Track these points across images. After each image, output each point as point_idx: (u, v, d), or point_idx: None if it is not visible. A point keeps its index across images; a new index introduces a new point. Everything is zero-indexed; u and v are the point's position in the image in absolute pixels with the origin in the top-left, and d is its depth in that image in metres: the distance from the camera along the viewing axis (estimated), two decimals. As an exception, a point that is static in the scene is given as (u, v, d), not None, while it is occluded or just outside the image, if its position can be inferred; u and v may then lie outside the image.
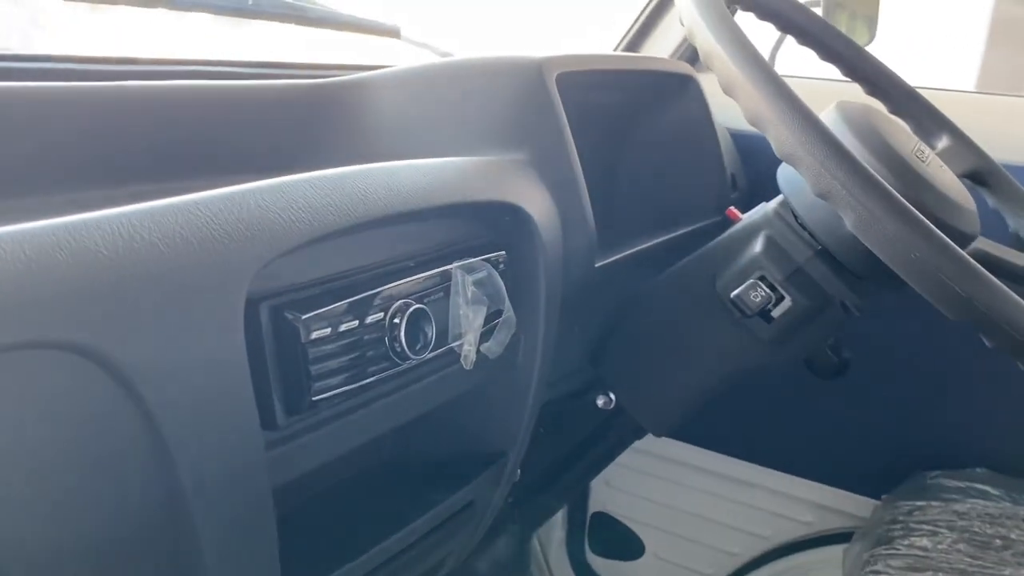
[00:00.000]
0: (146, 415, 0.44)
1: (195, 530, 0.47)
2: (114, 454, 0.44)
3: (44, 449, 0.41)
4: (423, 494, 0.70)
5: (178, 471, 0.45)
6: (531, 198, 0.75)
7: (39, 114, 0.66)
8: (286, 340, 0.53)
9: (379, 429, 0.62)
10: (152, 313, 0.44)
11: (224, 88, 0.81)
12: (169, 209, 0.47)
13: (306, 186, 0.55)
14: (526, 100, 0.81)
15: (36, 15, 0.93)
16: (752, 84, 0.64)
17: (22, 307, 0.39)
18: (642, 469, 1.51)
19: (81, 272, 0.41)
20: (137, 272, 0.44)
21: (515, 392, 0.77)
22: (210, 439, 0.47)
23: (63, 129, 0.67)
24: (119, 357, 0.42)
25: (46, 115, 0.66)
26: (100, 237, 0.43)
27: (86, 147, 0.69)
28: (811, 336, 0.87)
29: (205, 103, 0.79)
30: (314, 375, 0.54)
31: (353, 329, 0.57)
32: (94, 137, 0.70)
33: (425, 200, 0.63)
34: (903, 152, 0.77)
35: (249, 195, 0.51)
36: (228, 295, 0.48)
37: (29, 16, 0.96)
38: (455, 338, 0.65)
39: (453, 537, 0.74)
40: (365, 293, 0.58)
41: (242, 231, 0.49)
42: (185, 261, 0.46)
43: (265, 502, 0.51)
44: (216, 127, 0.79)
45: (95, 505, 0.43)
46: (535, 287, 0.75)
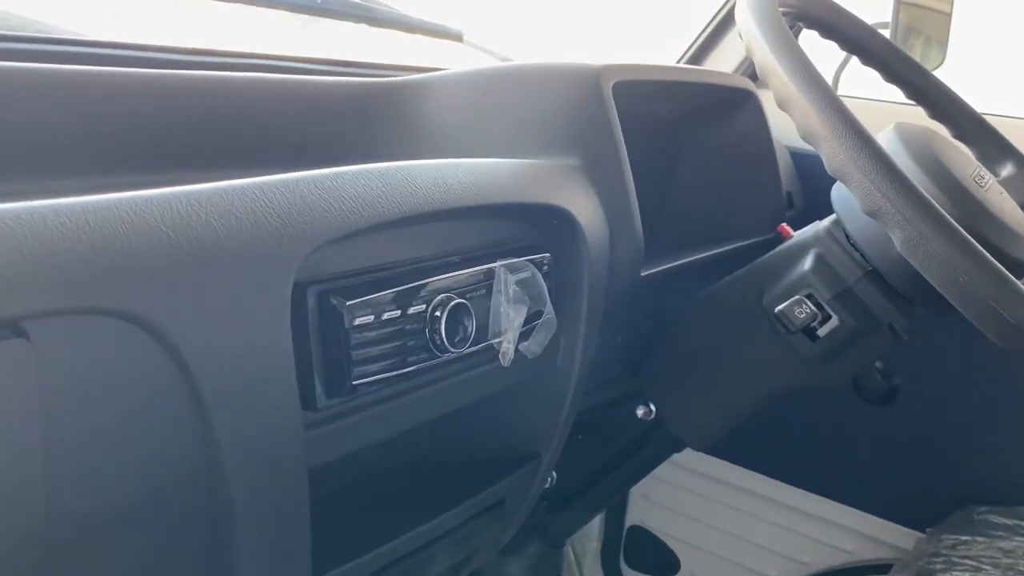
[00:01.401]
0: (191, 386, 0.46)
1: (230, 502, 0.49)
2: (158, 421, 0.46)
3: (93, 412, 0.43)
4: (455, 488, 0.72)
5: (218, 443, 0.47)
6: (580, 203, 0.76)
7: (116, 97, 0.69)
8: (330, 324, 0.55)
9: (416, 418, 0.63)
10: (203, 289, 0.46)
11: (287, 82, 0.84)
12: (226, 191, 0.49)
13: (358, 177, 0.57)
14: (582, 107, 0.82)
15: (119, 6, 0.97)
16: (806, 98, 0.64)
17: (83, 274, 0.41)
18: (682, 485, 1.50)
19: (139, 245, 0.44)
20: (191, 249, 0.46)
21: (552, 395, 0.78)
22: (251, 414, 0.49)
23: (135, 113, 0.70)
24: (169, 328, 0.44)
25: (116, 99, 0.69)
26: (159, 213, 0.45)
27: (155, 132, 0.72)
28: (857, 358, 0.86)
29: (268, 96, 0.82)
30: (355, 360, 0.56)
31: (395, 318, 0.58)
32: (163, 123, 0.73)
33: (473, 198, 0.65)
34: (960, 176, 0.76)
35: (303, 183, 0.53)
36: (277, 277, 0.50)
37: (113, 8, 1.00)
38: (495, 335, 0.66)
39: (482, 533, 0.75)
40: (409, 284, 0.60)
41: (294, 217, 0.51)
42: (238, 241, 0.48)
43: (301, 480, 0.53)
44: (277, 120, 0.82)
45: (136, 470, 0.45)
46: (578, 291, 0.76)
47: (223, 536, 0.51)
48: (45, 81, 0.65)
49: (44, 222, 0.41)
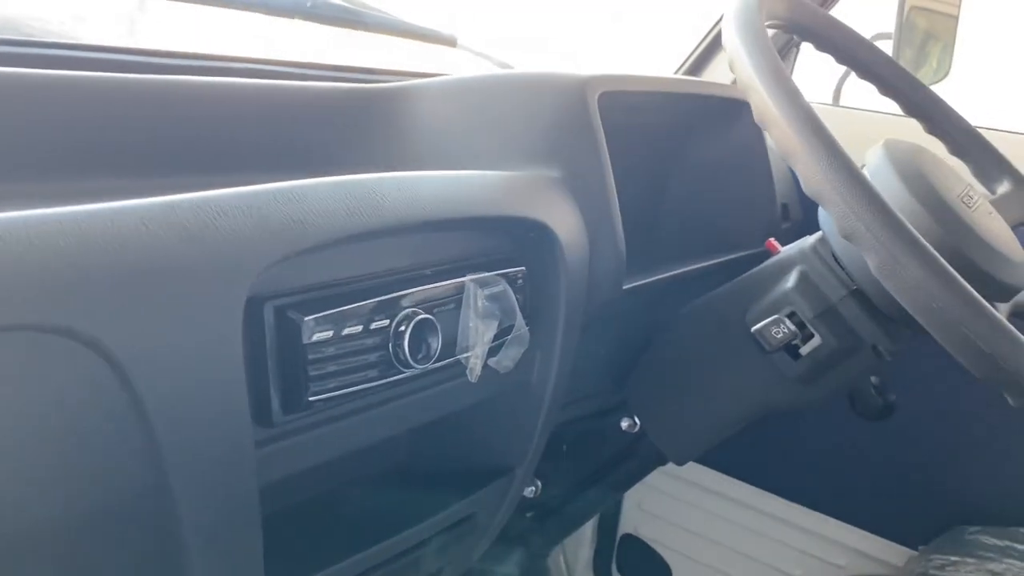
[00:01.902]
0: (135, 401, 0.45)
1: (179, 518, 0.49)
2: (101, 436, 0.45)
3: (34, 428, 0.43)
4: (423, 502, 0.71)
5: (164, 458, 0.47)
6: (558, 216, 0.75)
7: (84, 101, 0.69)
8: (287, 340, 0.54)
9: (378, 435, 0.63)
10: (149, 304, 0.46)
11: (270, 88, 0.83)
12: (177, 204, 0.49)
13: (321, 190, 0.56)
14: (565, 117, 0.81)
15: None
16: (783, 116, 0.63)
17: (21, 290, 0.41)
18: (676, 495, 1.49)
19: (82, 259, 0.43)
20: (138, 263, 0.45)
21: (527, 410, 0.77)
22: (199, 429, 0.48)
23: (115, 117, 0.70)
24: (110, 344, 0.44)
25: (96, 103, 0.69)
26: (103, 227, 0.45)
27: (137, 136, 0.72)
28: (840, 378, 0.84)
29: (251, 101, 0.82)
30: (312, 376, 0.55)
31: (356, 334, 0.58)
32: (145, 127, 0.72)
33: (444, 211, 0.64)
34: (946, 195, 0.74)
35: (261, 196, 0.53)
36: (228, 293, 0.49)
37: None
38: (463, 350, 0.65)
39: (450, 548, 0.74)
40: (372, 300, 0.59)
41: (249, 231, 0.51)
42: (188, 255, 0.48)
43: (251, 496, 0.52)
44: (260, 125, 0.82)
45: (80, 486, 0.45)
46: (554, 305, 0.75)
47: (172, 555, 0.50)
48: (23, 84, 0.65)
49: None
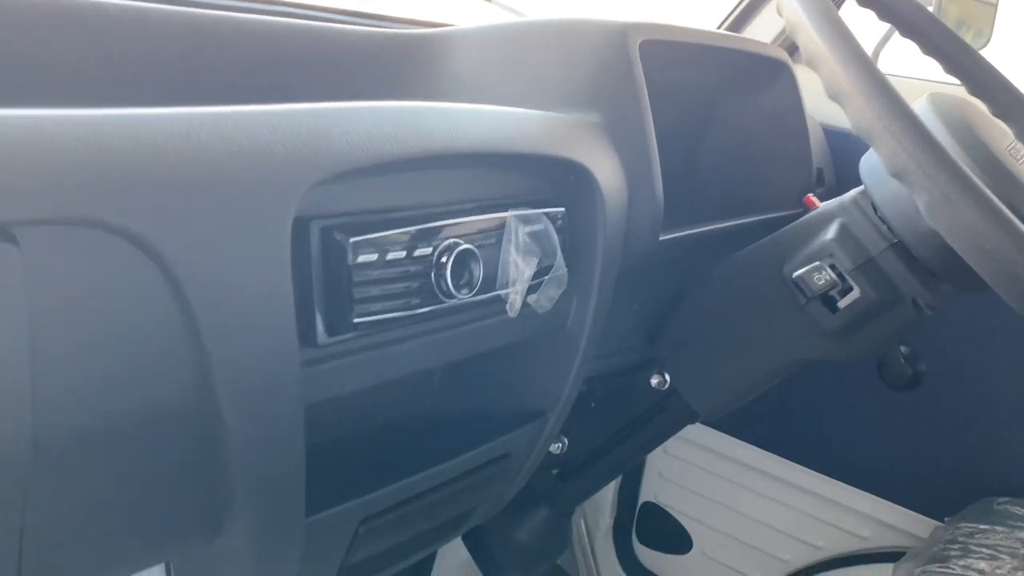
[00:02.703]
0: (185, 309, 0.45)
1: (224, 429, 0.49)
2: (150, 341, 0.45)
3: (83, 325, 0.43)
4: (460, 439, 0.71)
5: (212, 368, 0.47)
6: (598, 160, 0.74)
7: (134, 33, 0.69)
8: (333, 260, 0.54)
9: (420, 364, 0.62)
10: (201, 211, 0.46)
11: (310, 29, 0.83)
12: (229, 116, 0.49)
13: (368, 113, 0.56)
14: (606, 62, 0.81)
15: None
16: (833, 54, 0.62)
17: (76, 185, 0.41)
18: (698, 463, 1.49)
19: (136, 161, 0.43)
20: (190, 169, 0.45)
21: (562, 355, 0.77)
22: (247, 342, 0.48)
23: (152, 50, 0.70)
24: (163, 247, 0.44)
25: (134, 35, 0.69)
26: (160, 130, 0.45)
27: (173, 70, 0.72)
28: (877, 333, 0.83)
29: (290, 42, 0.82)
30: (357, 298, 0.55)
31: (400, 259, 0.57)
32: (182, 61, 0.73)
33: (487, 145, 0.64)
34: (994, 147, 0.73)
35: (310, 114, 0.53)
36: (278, 207, 0.49)
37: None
38: (503, 285, 0.65)
39: (485, 486, 0.74)
40: (416, 227, 0.59)
41: (299, 147, 0.51)
42: (239, 167, 0.48)
43: (296, 414, 0.52)
44: (298, 66, 0.82)
45: (125, 389, 0.45)
46: (592, 250, 0.74)
47: (216, 466, 0.50)
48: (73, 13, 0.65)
49: (39, 129, 0.40)
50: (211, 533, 0.54)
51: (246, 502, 0.52)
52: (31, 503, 0.44)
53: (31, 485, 0.43)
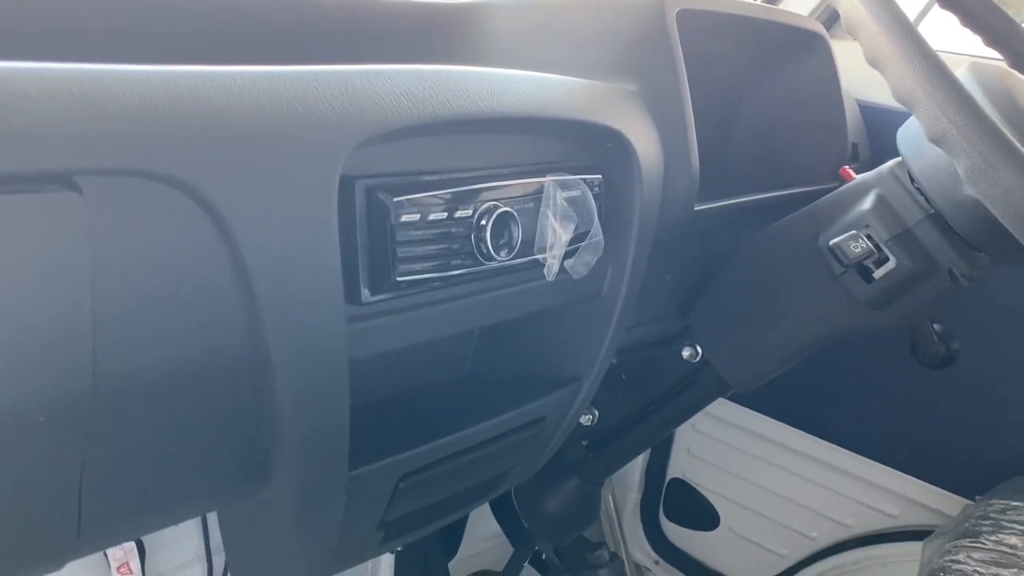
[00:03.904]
0: (238, 261, 0.47)
1: (273, 381, 0.50)
2: (204, 292, 0.47)
3: (140, 273, 0.44)
4: (496, 401, 0.72)
5: (263, 319, 0.48)
6: (635, 128, 0.75)
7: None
8: (377, 219, 0.55)
9: (459, 325, 0.64)
10: (254, 167, 0.47)
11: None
12: (281, 75, 0.50)
13: (411, 76, 0.57)
14: (643, 32, 0.81)
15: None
16: (874, 19, 0.62)
17: (137, 137, 0.42)
18: (726, 440, 1.49)
19: (193, 116, 0.45)
20: (245, 126, 0.47)
21: (597, 321, 0.78)
22: (295, 295, 0.49)
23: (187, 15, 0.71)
24: (218, 201, 0.45)
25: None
26: (217, 87, 0.46)
27: (202, 28, 0.73)
28: (912, 303, 0.83)
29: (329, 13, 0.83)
30: (400, 257, 0.56)
31: (441, 220, 0.58)
32: (210, 22, 0.74)
33: (526, 109, 0.64)
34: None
35: (356, 75, 0.54)
36: (325, 164, 0.50)
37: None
38: (540, 249, 0.66)
39: (520, 449, 0.75)
40: (457, 189, 0.60)
41: (344, 106, 0.52)
42: (289, 125, 0.49)
43: (342, 368, 0.53)
44: (337, 37, 0.82)
45: (179, 336, 0.46)
46: (628, 218, 0.75)
47: (265, 414, 0.52)
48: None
49: (100, 83, 0.42)
50: (258, 483, 0.55)
51: (293, 453, 0.54)
52: (91, 444, 0.45)
53: (91, 426, 0.44)
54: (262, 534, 0.60)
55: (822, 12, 1.25)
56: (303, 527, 0.58)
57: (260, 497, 0.56)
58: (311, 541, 0.60)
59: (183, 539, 1.05)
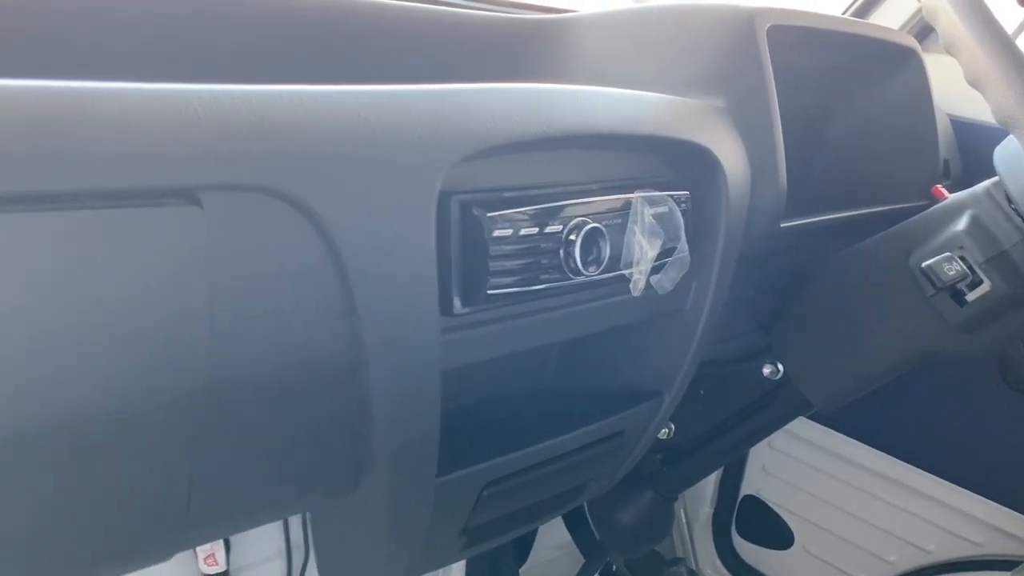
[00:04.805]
0: (341, 272, 0.49)
1: (369, 389, 0.52)
2: (309, 303, 0.49)
3: (252, 282, 0.46)
4: (576, 414, 0.73)
5: (362, 327, 0.50)
6: (723, 144, 0.75)
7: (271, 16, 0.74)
8: (471, 233, 0.57)
9: (546, 338, 0.65)
10: (359, 180, 0.49)
11: (438, 14, 0.86)
12: (383, 93, 0.52)
13: (508, 94, 0.58)
14: (733, 48, 0.81)
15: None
16: (974, 38, 0.61)
17: (253, 155, 0.45)
18: (803, 459, 1.47)
19: (307, 134, 0.47)
20: (352, 143, 0.49)
21: (679, 337, 0.78)
22: (394, 307, 0.51)
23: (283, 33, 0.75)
24: (323, 212, 0.47)
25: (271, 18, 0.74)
26: (327, 106, 0.48)
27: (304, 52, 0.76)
28: (1006, 328, 0.81)
29: (420, 26, 0.85)
30: (492, 270, 0.57)
31: (532, 235, 0.60)
32: (312, 43, 0.77)
33: (617, 127, 0.65)
34: None
35: (454, 94, 0.55)
36: (426, 181, 0.52)
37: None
38: (627, 265, 0.66)
39: (599, 462, 0.76)
40: (547, 204, 0.61)
41: (445, 125, 0.53)
42: (393, 142, 0.51)
43: (434, 378, 0.55)
44: (428, 50, 0.85)
45: (285, 345, 0.49)
46: (714, 234, 0.75)
47: (360, 421, 0.54)
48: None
49: (220, 103, 0.44)
50: (350, 486, 0.57)
51: (384, 459, 0.55)
52: (199, 444, 0.48)
53: (201, 427, 0.47)
54: (351, 534, 0.62)
55: (914, 25, 1.23)
56: (390, 530, 0.60)
57: (351, 499, 0.58)
58: (397, 544, 0.61)
59: (265, 535, 1.09)
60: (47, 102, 0.39)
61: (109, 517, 0.47)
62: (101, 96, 0.41)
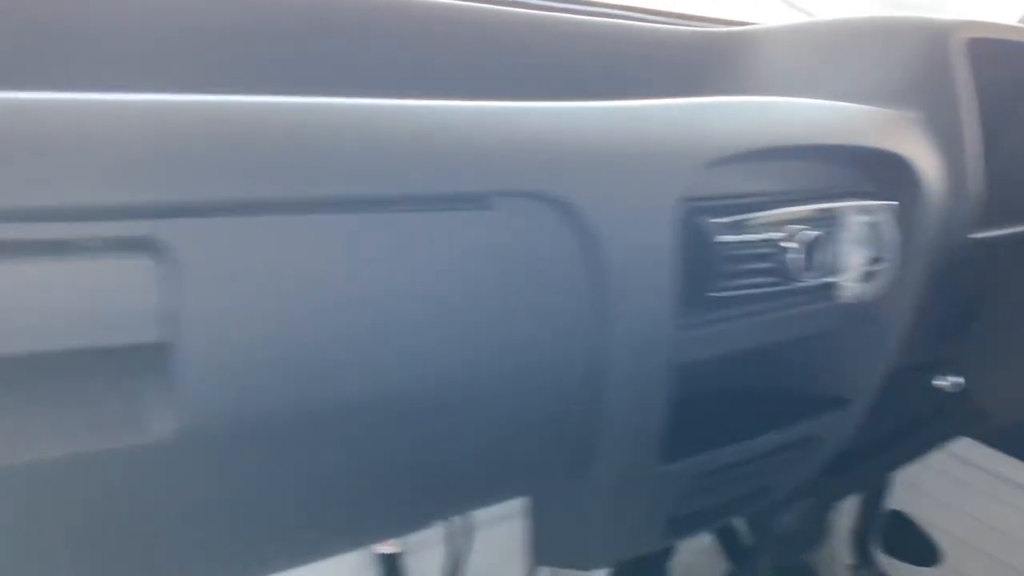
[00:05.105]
0: (598, 271, 0.53)
1: (604, 379, 0.56)
2: (565, 297, 0.53)
3: (526, 280, 0.51)
4: (772, 415, 0.75)
5: (609, 324, 0.54)
6: (923, 157, 0.76)
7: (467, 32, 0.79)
8: (700, 238, 0.60)
9: (760, 340, 0.67)
10: (616, 186, 0.53)
11: (616, 27, 0.90)
12: (629, 108, 0.56)
13: (738, 107, 0.61)
14: (929, 60, 0.81)
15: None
16: None
17: (536, 165, 0.49)
18: (955, 475, 1.44)
19: (570, 143, 0.51)
20: (611, 152, 0.53)
21: (873, 345, 0.79)
22: (638, 305, 0.55)
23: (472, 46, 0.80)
24: (587, 214, 0.51)
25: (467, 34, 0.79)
26: (588, 119, 0.53)
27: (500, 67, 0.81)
28: None
29: (608, 40, 0.89)
30: (716, 273, 0.61)
31: (753, 242, 0.62)
32: (509, 58, 0.82)
33: (834, 138, 0.67)
34: None
35: (693, 108, 0.59)
36: (669, 185, 0.56)
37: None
38: (837, 273, 0.68)
39: (788, 465, 0.78)
40: (766, 212, 0.63)
41: (686, 136, 0.57)
42: (638, 150, 0.55)
43: (663, 373, 0.59)
44: (619, 64, 0.89)
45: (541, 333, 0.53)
46: (912, 244, 0.76)
47: (592, 409, 0.57)
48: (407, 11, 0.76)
49: (507, 118, 0.49)
50: (578, 471, 0.61)
51: (613, 446, 0.59)
52: (456, 428, 0.53)
53: (457, 413, 0.51)
54: (571, 516, 0.66)
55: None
56: (610, 514, 0.64)
57: (577, 485, 0.62)
58: (614, 527, 0.65)
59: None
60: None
61: (382, 487, 0.52)
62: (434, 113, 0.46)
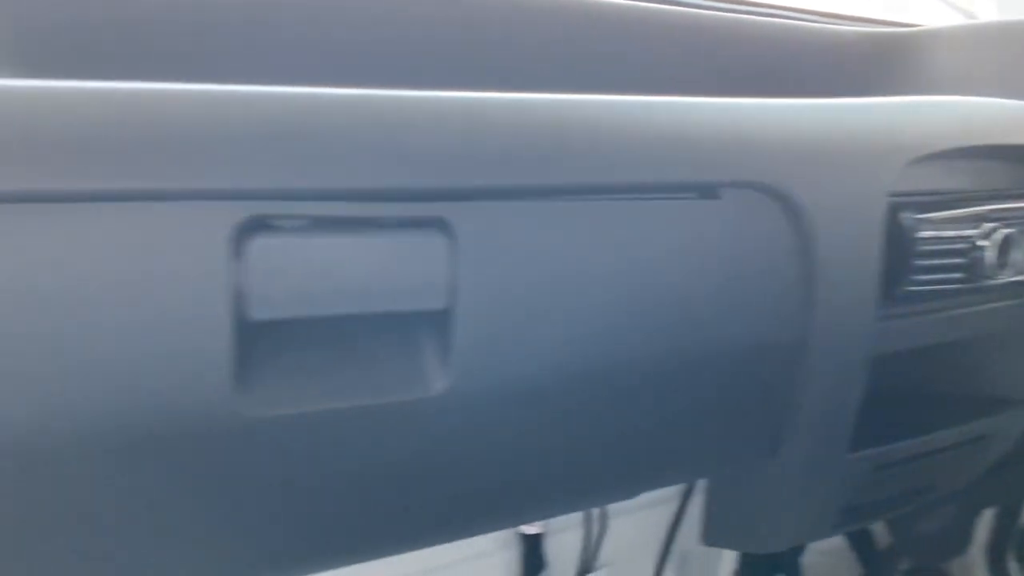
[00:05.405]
0: (810, 259, 0.55)
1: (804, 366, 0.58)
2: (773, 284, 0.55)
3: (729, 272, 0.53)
4: (948, 412, 0.76)
5: (815, 311, 0.56)
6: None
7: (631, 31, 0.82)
8: (902, 233, 0.62)
9: (950, 335, 0.68)
10: (832, 178, 0.55)
11: (775, 26, 0.91)
12: (841, 106, 0.59)
13: (938, 107, 0.63)
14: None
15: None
16: None
17: (761, 157, 0.52)
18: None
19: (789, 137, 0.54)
20: (826, 146, 0.55)
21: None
22: (845, 293, 0.57)
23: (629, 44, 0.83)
24: (804, 205, 0.54)
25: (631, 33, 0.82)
26: (804, 115, 0.55)
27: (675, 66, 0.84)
28: None
29: (785, 41, 0.91)
30: (915, 268, 0.62)
31: (951, 237, 0.64)
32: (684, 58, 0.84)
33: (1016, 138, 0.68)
34: None
35: (902, 106, 0.61)
36: (880, 180, 0.58)
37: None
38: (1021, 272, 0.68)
39: (956, 464, 0.78)
40: (965, 209, 0.65)
41: (896, 132, 0.59)
42: (857, 147, 0.57)
43: (863, 361, 0.60)
44: (794, 64, 0.90)
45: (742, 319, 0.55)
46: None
47: (788, 395, 0.60)
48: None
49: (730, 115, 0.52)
50: (767, 455, 0.63)
51: (806, 432, 0.61)
52: (654, 405, 0.55)
53: (656, 391, 0.54)
54: (750, 500, 0.68)
55: None
56: (792, 499, 0.66)
57: (765, 469, 0.65)
58: (793, 513, 0.67)
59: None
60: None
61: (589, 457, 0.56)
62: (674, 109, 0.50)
